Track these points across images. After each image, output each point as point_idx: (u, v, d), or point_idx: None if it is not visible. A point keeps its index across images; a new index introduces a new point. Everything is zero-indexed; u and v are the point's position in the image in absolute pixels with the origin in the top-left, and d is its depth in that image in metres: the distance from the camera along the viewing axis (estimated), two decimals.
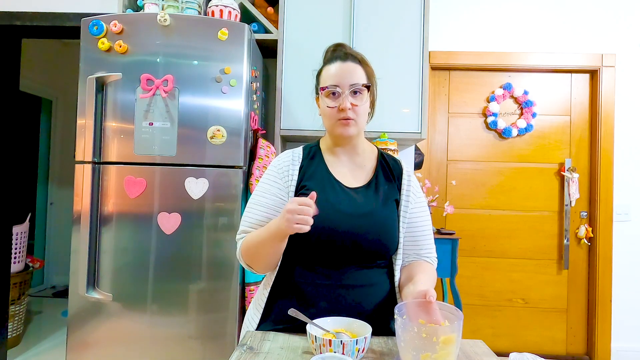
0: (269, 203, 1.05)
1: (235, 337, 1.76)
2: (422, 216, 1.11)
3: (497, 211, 2.71)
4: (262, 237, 0.99)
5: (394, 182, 1.10)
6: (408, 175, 1.13)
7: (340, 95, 1.03)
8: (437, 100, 2.75)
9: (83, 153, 1.77)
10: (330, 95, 1.04)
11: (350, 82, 1.03)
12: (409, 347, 0.76)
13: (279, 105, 2.20)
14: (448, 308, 0.83)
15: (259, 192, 1.08)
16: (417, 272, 1.04)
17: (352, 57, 1.07)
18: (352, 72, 1.04)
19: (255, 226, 1.05)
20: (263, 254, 1.01)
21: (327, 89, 1.04)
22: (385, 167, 1.13)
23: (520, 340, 2.68)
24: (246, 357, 0.85)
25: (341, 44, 1.13)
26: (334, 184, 1.07)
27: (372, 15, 2.19)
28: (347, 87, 1.03)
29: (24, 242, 2.85)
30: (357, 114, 1.04)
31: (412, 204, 1.10)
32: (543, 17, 2.64)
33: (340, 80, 1.03)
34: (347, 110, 1.02)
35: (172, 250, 1.77)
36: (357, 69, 1.05)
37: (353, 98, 1.03)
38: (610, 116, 2.60)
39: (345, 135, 1.05)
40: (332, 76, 1.04)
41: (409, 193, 1.10)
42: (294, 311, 0.92)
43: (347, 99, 1.02)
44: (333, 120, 1.05)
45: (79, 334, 1.78)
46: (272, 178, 1.09)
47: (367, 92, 1.06)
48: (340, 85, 1.03)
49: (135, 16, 1.83)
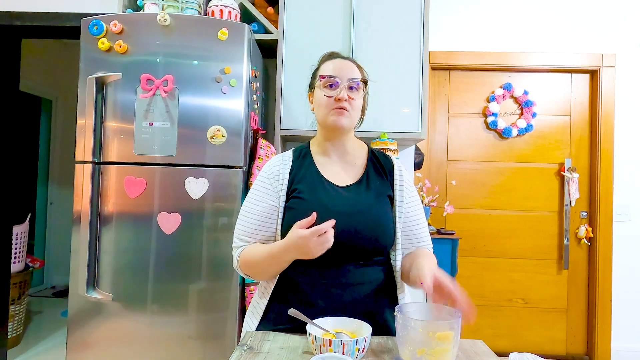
0: (261, 211, 1.07)
1: (235, 337, 1.76)
2: (416, 209, 1.13)
3: (497, 211, 2.71)
4: (266, 260, 1.01)
5: (385, 177, 1.11)
6: (399, 170, 1.13)
7: (337, 87, 1.05)
8: (437, 100, 2.75)
9: (83, 153, 1.77)
10: (328, 86, 1.06)
11: (349, 77, 1.06)
12: (406, 343, 0.76)
13: (279, 105, 2.20)
14: (447, 309, 0.83)
15: (251, 200, 1.09)
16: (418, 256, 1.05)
17: (351, 59, 1.12)
18: (351, 68, 1.08)
19: (250, 235, 1.07)
20: (269, 272, 1.03)
21: (326, 78, 1.06)
22: (375, 163, 1.13)
23: (520, 340, 2.68)
24: (246, 357, 0.85)
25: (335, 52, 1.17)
26: (325, 184, 1.07)
27: (372, 15, 2.19)
28: (346, 80, 1.05)
29: (24, 242, 2.85)
30: (352, 107, 1.06)
31: (407, 198, 1.11)
32: (543, 17, 2.64)
33: (339, 73, 1.06)
34: (343, 101, 1.04)
35: (172, 250, 1.77)
36: (355, 67, 1.10)
37: (350, 92, 1.06)
38: (610, 116, 2.60)
39: (338, 124, 1.06)
40: (332, 69, 1.07)
41: (402, 188, 1.11)
42: (293, 311, 0.92)
43: (344, 90, 1.04)
44: (328, 110, 1.06)
45: (79, 334, 1.78)
46: (262, 185, 1.10)
47: (362, 90, 1.08)
48: (340, 77, 1.05)
49: (135, 16, 1.83)
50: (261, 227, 1.06)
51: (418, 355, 0.75)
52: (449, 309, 0.83)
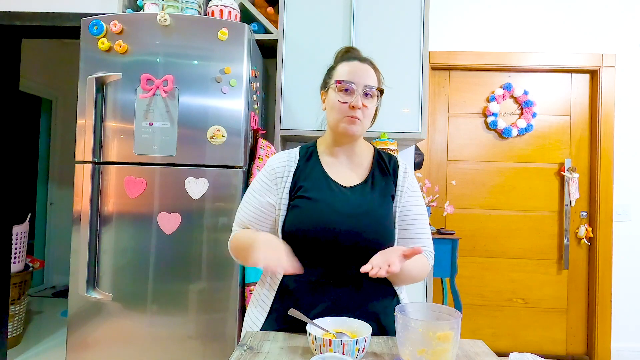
0: (257, 205, 1.09)
1: (235, 337, 1.76)
2: (414, 209, 1.10)
3: (497, 211, 2.71)
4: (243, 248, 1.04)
5: (390, 177, 1.10)
6: (404, 170, 1.13)
7: (353, 92, 1.04)
8: (437, 100, 2.75)
9: (83, 153, 1.77)
10: (344, 91, 1.04)
11: (366, 83, 1.04)
12: (407, 343, 0.77)
13: (279, 105, 2.20)
14: (446, 310, 0.83)
15: (251, 191, 1.12)
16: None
17: (369, 61, 1.10)
18: (368, 74, 1.06)
19: (246, 223, 1.10)
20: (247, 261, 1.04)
21: (342, 83, 1.04)
22: (381, 163, 1.13)
23: (520, 340, 2.68)
24: (246, 357, 0.85)
25: (353, 47, 1.16)
26: (330, 184, 1.07)
27: (372, 15, 2.19)
28: (362, 86, 1.04)
29: (24, 242, 2.85)
30: (364, 116, 1.05)
31: (405, 197, 1.09)
32: (543, 17, 2.64)
33: (356, 78, 1.04)
34: (357, 109, 1.03)
35: (172, 250, 1.77)
36: (372, 72, 1.08)
37: (364, 99, 1.04)
38: (610, 116, 2.60)
39: (349, 132, 1.05)
40: (348, 72, 1.05)
41: (404, 187, 1.10)
42: (294, 311, 0.92)
43: (359, 98, 1.03)
44: (340, 116, 1.05)
45: (79, 334, 1.78)
46: (264, 180, 1.10)
47: (377, 97, 1.07)
48: (356, 83, 1.04)
49: (135, 16, 1.83)
50: (256, 220, 1.09)
51: (418, 355, 0.75)
52: (449, 309, 0.83)
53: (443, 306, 0.84)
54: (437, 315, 0.84)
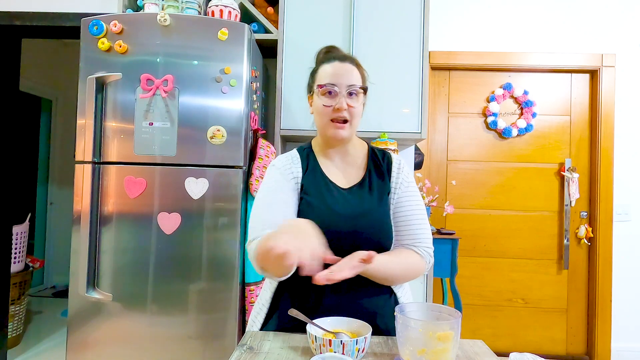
0: (285, 199, 1.02)
1: (235, 337, 1.76)
2: (408, 202, 1.08)
3: (497, 211, 2.71)
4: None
5: (385, 175, 1.10)
6: (398, 165, 1.12)
7: (336, 95, 1.03)
8: (437, 100, 2.75)
9: (83, 153, 1.77)
10: (327, 94, 1.03)
11: (348, 83, 1.03)
12: (407, 343, 0.77)
13: (279, 105, 2.20)
14: (447, 309, 0.83)
15: (270, 191, 1.04)
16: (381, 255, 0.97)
17: (350, 59, 1.08)
18: (349, 73, 1.04)
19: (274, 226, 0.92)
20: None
21: (324, 87, 1.03)
22: (376, 161, 1.12)
23: (520, 340, 2.68)
24: (246, 357, 0.85)
25: (333, 46, 1.14)
26: (329, 186, 1.07)
27: (372, 15, 2.19)
28: (345, 87, 1.03)
29: (24, 242, 2.85)
30: (352, 115, 1.04)
31: (399, 193, 1.09)
32: (543, 17, 2.64)
33: (338, 80, 1.03)
34: (343, 111, 1.02)
35: (172, 250, 1.77)
36: (354, 70, 1.06)
37: (349, 99, 1.03)
38: (610, 116, 2.60)
39: (338, 137, 1.05)
40: (329, 75, 1.04)
41: (398, 182, 1.09)
42: (294, 311, 0.92)
43: (344, 99, 1.02)
44: (326, 119, 1.04)
45: (79, 334, 1.78)
46: (278, 177, 1.06)
47: (362, 94, 1.06)
48: (338, 84, 1.03)
49: (135, 16, 1.83)
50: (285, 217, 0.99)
51: (418, 355, 0.75)
52: (449, 308, 0.83)
53: (443, 306, 0.84)
54: (437, 315, 0.84)
